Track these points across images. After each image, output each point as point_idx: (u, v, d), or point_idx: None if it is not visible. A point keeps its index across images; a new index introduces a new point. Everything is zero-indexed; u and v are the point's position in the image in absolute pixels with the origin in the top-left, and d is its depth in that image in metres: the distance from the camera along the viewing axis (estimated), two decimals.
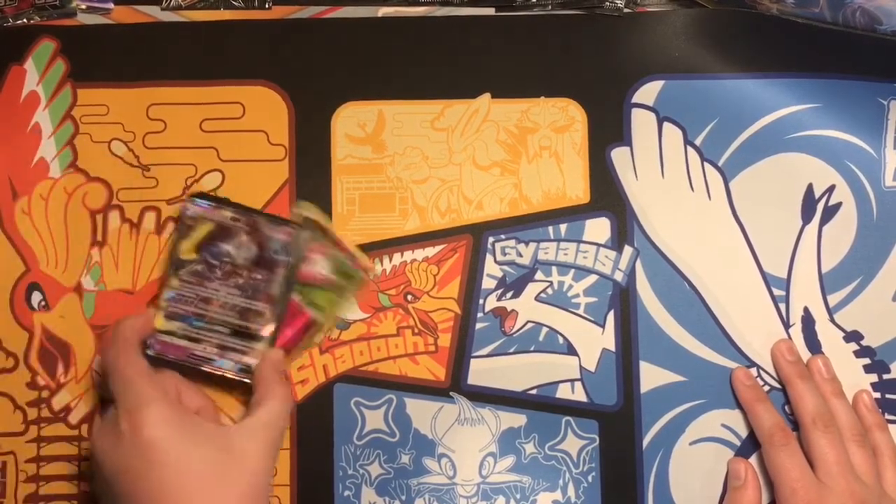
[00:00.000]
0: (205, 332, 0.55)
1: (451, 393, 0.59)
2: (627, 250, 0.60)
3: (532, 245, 0.60)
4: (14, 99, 0.59)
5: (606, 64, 0.61)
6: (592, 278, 0.60)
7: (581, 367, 0.59)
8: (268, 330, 0.55)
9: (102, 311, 0.58)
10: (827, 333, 0.60)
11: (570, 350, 0.59)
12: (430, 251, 0.59)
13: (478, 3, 0.61)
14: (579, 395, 0.59)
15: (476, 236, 0.60)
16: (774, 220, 0.60)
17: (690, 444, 0.59)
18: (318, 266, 0.56)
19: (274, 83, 0.60)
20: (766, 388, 0.59)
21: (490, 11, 0.61)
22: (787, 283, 0.60)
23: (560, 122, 0.60)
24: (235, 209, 0.55)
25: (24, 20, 0.59)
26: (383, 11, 0.61)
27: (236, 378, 0.55)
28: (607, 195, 0.60)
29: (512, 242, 0.60)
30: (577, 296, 0.59)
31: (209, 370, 0.55)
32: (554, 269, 0.60)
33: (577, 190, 0.60)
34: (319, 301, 0.57)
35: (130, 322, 0.53)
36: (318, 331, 0.58)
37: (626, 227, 0.60)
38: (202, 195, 0.56)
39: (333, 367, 0.59)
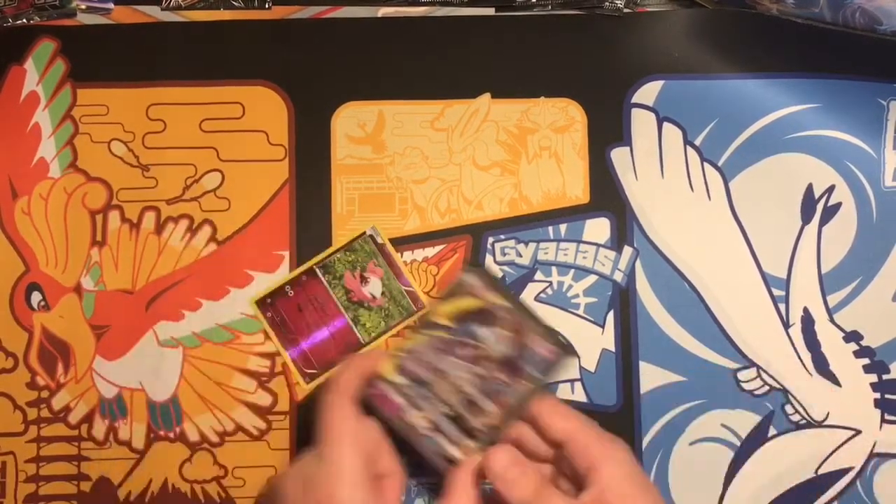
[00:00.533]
0: (425, 401, 0.51)
1: None
2: (627, 250, 0.60)
3: (532, 245, 0.60)
4: (14, 99, 0.59)
5: (606, 64, 0.61)
6: (592, 278, 0.60)
7: (581, 367, 0.59)
8: (487, 432, 0.50)
9: (102, 312, 0.58)
10: (827, 333, 0.60)
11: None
12: (430, 251, 0.59)
13: (478, 3, 0.61)
14: (579, 395, 0.59)
15: (476, 236, 0.60)
16: (774, 220, 0.60)
17: (690, 444, 0.59)
18: (372, 288, 0.55)
19: (274, 83, 0.60)
20: (766, 388, 0.59)
21: (490, 11, 0.61)
22: (786, 283, 0.60)
23: (560, 122, 0.60)
24: (510, 300, 0.51)
25: (24, 20, 0.59)
26: (383, 11, 0.61)
27: (432, 462, 0.51)
28: (607, 195, 0.60)
29: (512, 243, 0.60)
30: (576, 296, 0.59)
31: (411, 440, 0.51)
32: (554, 269, 0.60)
33: (577, 190, 0.60)
34: (366, 321, 0.56)
35: (358, 365, 0.51)
36: (356, 351, 0.57)
37: (625, 228, 0.60)
38: (483, 269, 0.52)
39: None
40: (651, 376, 0.59)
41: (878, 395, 0.59)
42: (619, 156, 0.60)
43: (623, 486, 0.47)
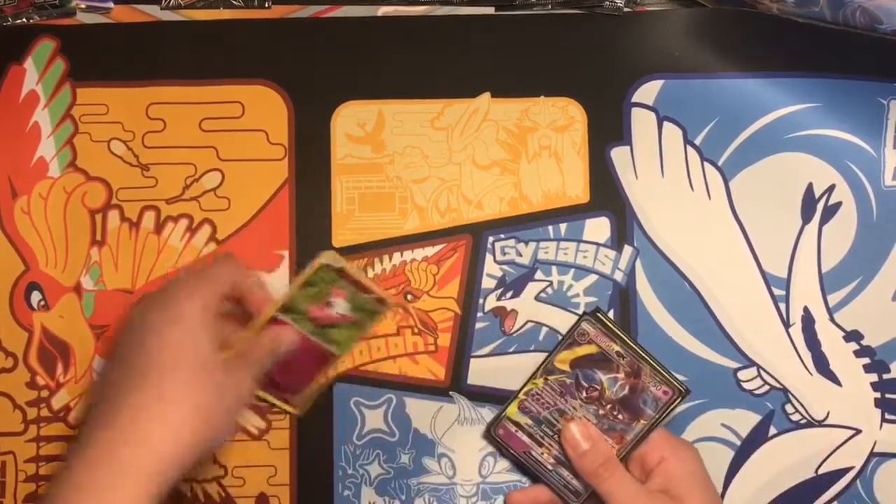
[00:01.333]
0: (548, 439, 0.55)
1: (450, 393, 0.59)
2: (627, 250, 0.60)
3: (532, 245, 0.60)
4: (13, 98, 0.59)
5: (606, 63, 0.60)
6: (592, 278, 0.60)
7: None
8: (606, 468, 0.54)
9: (102, 311, 0.58)
10: (827, 333, 0.60)
11: None
12: (430, 251, 0.59)
13: (478, 3, 0.61)
14: None
15: (476, 236, 0.60)
16: (774, 219, 0.60)
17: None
18: (338, 308, 0.55)
19: (274, 83, 0.60)
20: (766, 387, 0.59)
21: (490, 11, 0.61)
22: (787, 283, 0.60)
23: (560, 121, 0.60)
24: (625, 346, 0.54)
25: (24, 20, 0.59)
26: (383, 11, 0.61)
27: (559, 494, 0.55)
28: (607, 195, 0.60)
29: (512, 242, 0.60)
30: (576, 295, 0.59)
31: (540, 475, 0.56)
32: (554, 268, 0.60)
33: (577, 189, 0.60)
34: (338, 338, 0.56)
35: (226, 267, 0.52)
36: (334, 365, 0.58)
37: (625, 227, 0.60)
38: (602, 316, 0.54)
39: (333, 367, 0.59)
40: None
41: (878, 395, 0.59)
42: (619, 155, 0.60)
43: (687, 480, 0.52)
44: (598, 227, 0.60)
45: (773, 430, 0.59)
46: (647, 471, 0.54)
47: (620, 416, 0.54)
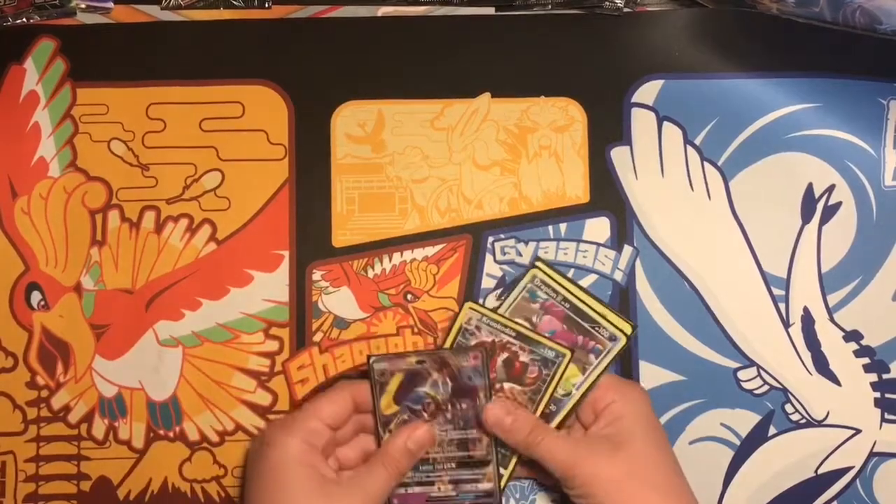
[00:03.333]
0: (434, 474, 0.55)
1: None
2: (627, 250, 0.60)
3: (532, 245, 0.60)
4: (13, 98, 0.59)
5: (606, 63, 0.61)
6: (592, 278, 0.60)
7: None
8: (491, 454, 0.54)
9: (102, 311, 0.58)
10: (827, 333, 0.60)
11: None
12: (430, 251, 0.59)
13: (478, 3, 0.61)
14: None
15: (476, 236, 0.60)
16: (774, 219, 0.60)
17: (690, 443, 0.59)
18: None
19: (274, 83, 0.60)
20: (766, 387, 0.59)
21: (490, 11, 0.61)
22: (786, 283, 0.60)
23: (560, 121, 0.60)
24: (417, 354, 0.54)
25: (24, 19, 0.59)
26: (383, 11, 0.61)
27: None
28: (607, 195, 0.60)
29: (511, 242, 0.60)
30: None
31: None
32: None
33: (577, 189, 0.60)
34: None
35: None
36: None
37: (625, 227, 0.60)
38: (381, 355, 0.54)
39: (333, 367, 0.59)
40: (651, 375, 0.59)
41: (878, 395, 0.59)
42: (619, 155, 0.60)
43: (632, 422, 0.53)
44: (598, 227, 0.60)
45: (772, 430, 0.59)
46: (595, 413, 0.54)
47: (465, 405, 0.54)
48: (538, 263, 0.57)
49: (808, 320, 0.60)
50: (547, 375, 0.54)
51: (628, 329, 0.55)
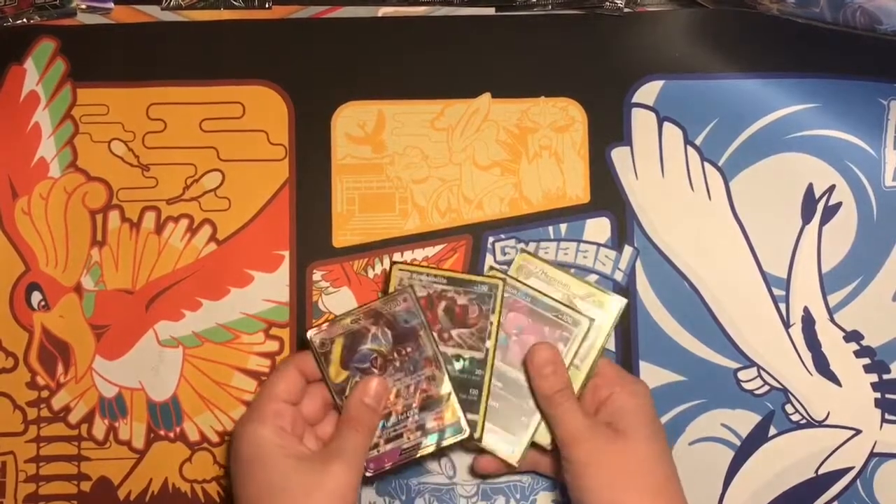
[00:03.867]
0: (399, 425, 0.54)
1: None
2: (627, 250, 0.60)
3: (532, 245, 0.60)
4: (14, 99, 0.59)
5: (606, 64, 0.61)
6: (592, 278, 0.60)
7: None
8: (446, 385, 0.54)
9: (102, 311, 0.58)
10: (827, 333, 0.60)
11: None
12: (430, 251, 0.59)
13: (478, 3, 0.61)
14: None
15: (476, 236, 0.60)
16: (774, 219, 0.60)
17: (690, 443, 0.59)
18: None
19: (274, 83, 0.60)
20: (766, 387, 0.59)
21: (490, 11, 0.61)
22: (787, 283, 0.60)
23: (560, 121, 0.60)
24: (350, 314, 0.54)
25: (24, 20, 0.59)
26: (383, 11, 0.61)
27: (461, 441, 0.54)
28: (607, 195, 0.60)
29: (512, 242, 0.60)
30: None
31: (426, 453, 0.54)
32: None
33: (577, 190, 0.60)
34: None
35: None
36: None
37: (626, 227, 0.60)
38: (315, 326, 0.55)
39: None
40: (651, 376, 0.59)
41: (878, 395, 0.59)
42: (619, 155, 0.60)
43: (633, 415, 0.53)
44: (599, 228, 0.60)
45: (773, 431, 0.59)
46: (597, 403, 0.55)
47: (410, 349, 0.54)
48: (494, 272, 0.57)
49: (808, 321, 0.60)
50: (487, 310, 0.55)
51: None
